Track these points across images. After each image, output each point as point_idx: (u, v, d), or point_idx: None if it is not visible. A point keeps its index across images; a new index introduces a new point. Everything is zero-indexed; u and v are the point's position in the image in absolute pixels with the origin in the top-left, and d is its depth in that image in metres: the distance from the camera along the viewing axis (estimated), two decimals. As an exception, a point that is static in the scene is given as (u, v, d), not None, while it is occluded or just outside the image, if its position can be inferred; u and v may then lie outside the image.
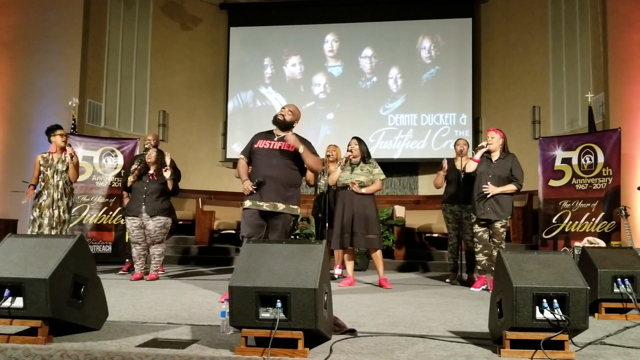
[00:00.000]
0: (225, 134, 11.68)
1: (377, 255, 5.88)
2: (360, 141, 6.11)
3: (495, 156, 5.69)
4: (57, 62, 9.33)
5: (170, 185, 6.25)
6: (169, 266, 7.86)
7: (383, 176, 6.05)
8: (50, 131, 6.37)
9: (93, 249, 7.81)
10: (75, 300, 2.86)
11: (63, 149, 6.36)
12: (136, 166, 6.23)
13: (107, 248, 8.15)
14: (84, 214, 8.04)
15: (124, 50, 10.64)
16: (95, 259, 3.34)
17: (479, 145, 5.73)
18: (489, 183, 5.52)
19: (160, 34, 11.29)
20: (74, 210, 7.87)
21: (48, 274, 2.67)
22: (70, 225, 7.82)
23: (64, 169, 6.30)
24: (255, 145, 4.78)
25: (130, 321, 3.40)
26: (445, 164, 6.42)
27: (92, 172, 8.19)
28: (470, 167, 5.69)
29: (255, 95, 11.81)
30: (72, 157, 6.31)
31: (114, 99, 10.42)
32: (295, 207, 4.74)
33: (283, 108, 4.87)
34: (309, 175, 6.51)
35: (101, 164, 8.24)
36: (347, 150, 6.03)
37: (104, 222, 8.11)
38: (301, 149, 4.60)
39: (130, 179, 6.25)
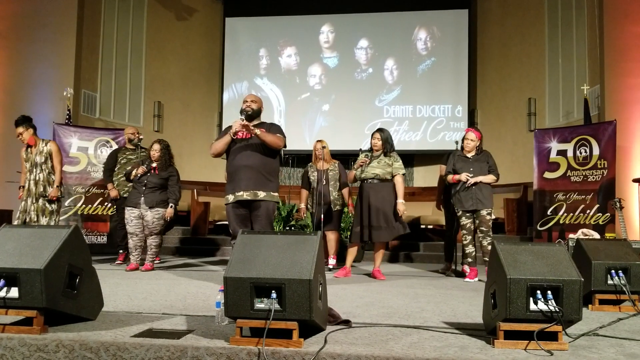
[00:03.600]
0: (220, 125, 11.66)
1: (378, 247, 5.89)
2: (381, 132, 5.95)
3: (470, 154, 5.94)
4: (51, 52, 9.28)
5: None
6: (163, 257, 7.85)
7: (402, 171, 5.89)
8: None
9: (88, 240, 7.80)
10: (71, 291, 2.86)
11: (29, 144, 6.33)
12: (144, 168, 6.19)
13: (102, 239, 8.14)
14: (78, 205, 8.02)
15: (118, 41, 10.59)
16: (90, 250, 3.33)
17: (465, 179, 5.71)
18: (474, 179, 5.71)
19: (155, 24, 11.24)
20: (69, 200, 7.88)
21: (43, 264, 2.67)
22: (65, 215, 7.83)
23: (42, 160, 6.29)
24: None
25: (125, 311, 3.40)
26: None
27: (87, 163, 8.17)
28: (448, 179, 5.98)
29: (251, 86, 11.78)
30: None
31: (108, 90, 10.38)
32: (275, 194, 4.83)
33: (245, 101, 4.91)
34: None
35: (96, 155, 8.22)
36: (372, 139, 5.93)
37: (99, 213, 8.10)
38: (257, 131, 4.66)
39: (134, 172, 6.21)
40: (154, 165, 6.23)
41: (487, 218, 5.71)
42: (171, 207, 6.27)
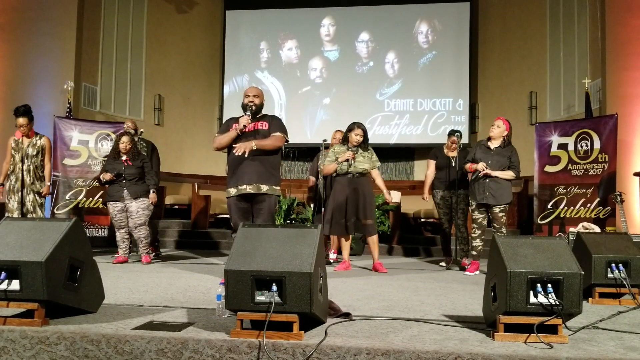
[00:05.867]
0: (221, 119, 11.65)
1: (373, 240, 5.91)
2: (362, 127, 6.00)
3: (494, 144, 5.74)
4: (52, 45, 9.26)
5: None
6: (164, 250, 7.86)
7: (379, 163, 6.06)
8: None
9: (89, 233, 7.81)
10: (72, 283, 2.87)
11: (27, 135, 6.30)
12: (111, 175, 6.16)
13: (103, 232, 8.15)
14: (79, 198, 8.02)
15: (119, 34, 10.57)
16: (91, 243, 3.34)
17: (481, 168, 5.59)
18: (488, 170, 5.57)
19: (156, 17, 11.21)
20: (69, 194, 7.89)
21: (44, 257, 2.67)
22: (66, 209, 7.85)
23: (34, 153, 6.28)
24: (231, 129, 4.85)
25: (126, 304, 3.41)
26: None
27: (88, 156, 8.16)
28: (466, 167, 5.87)
29: (252, 79, 11.77)
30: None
31: (109, 83, 10.37)
32: (277, 187, 4.84)
33: (247, 95, 4.87)
34: None
35: (97, 148, 8.21)
36: (356, 136, 5.92)
37: (100, 206, 8.10)
38: (254, 146, 4.61)
39: (102, 177, 6.20)
40: (124, 158, 6.22)
41: (500, 215, 5.59)
42: (153, 192, 6.28)
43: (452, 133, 6.63)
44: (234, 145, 4.70)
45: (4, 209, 6.38)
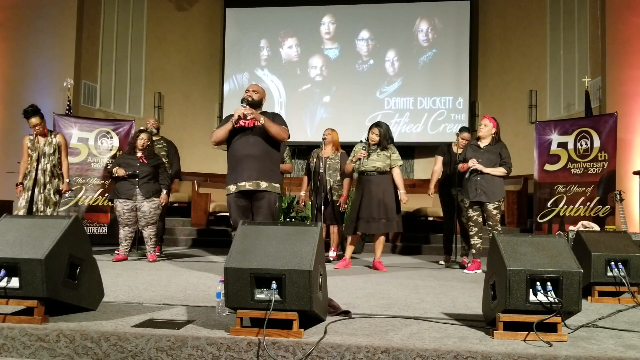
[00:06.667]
0: (221, 116, 11.64)
1: (380, 239, 5.89)
2: (379, 127, 5.93)
3: (483, 143, 5.79)
4: (52, 43, 9.25)
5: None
6: (164, 248, 7.86)
7: (400, 162, 5.94)
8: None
9: (88, 231, 7.81)
10: (71, 281, 2.87)
11: (42, 134, 6.30)
12: (124, 171, 6.11)
13: (103, 229, 8.15)
14: (79, 196, 8.02)
15: (119, 31, 10.56)
16: (91, 241, 3.34)
17: (471, 163, 5.62)
18: (478, 165, 5.59)
19: (156, 15, 11.20)
20: (69, 191, 7.88)
21: (44, 255, 2.67)
22: (66, 206, 7.84)
23: (51, 151, 6.27)
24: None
25: (125, 302, 3.41)
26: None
27: (88, 154, 8.16)
28: (459, 167, 5.92)
29: (252, 77, 11.76)
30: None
31: (109, 80, 10.37)
32: (277, 185, 4.78)
33: (247, 90, 4.86)
34: (285, 166, 6.83)
35: (96, 146, 8.21)
36: (371, 135, 5.89)
37: (100, 204, 8.10)
38: (262, 120, 4.59)
39: (115, 172, 6.15)
40: (139, 155, 6.22)
41: (494, 212, 5.61)
42: (165, 192, 6.29)
43: (461, 130, 6.65)
44: (239, 115, 4.64)
45: (11, 206, 6.37)
